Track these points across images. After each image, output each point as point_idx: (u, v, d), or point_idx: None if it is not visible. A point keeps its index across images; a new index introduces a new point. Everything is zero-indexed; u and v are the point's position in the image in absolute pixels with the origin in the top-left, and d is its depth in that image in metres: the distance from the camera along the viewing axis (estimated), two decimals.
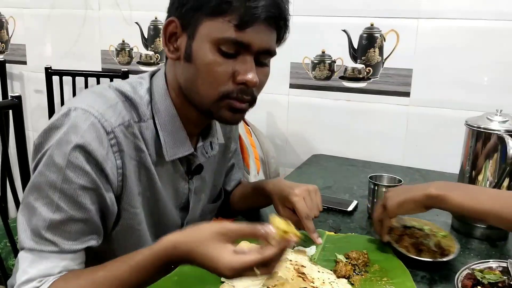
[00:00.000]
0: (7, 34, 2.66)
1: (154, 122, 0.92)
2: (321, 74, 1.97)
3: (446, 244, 1.05)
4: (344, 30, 1.90)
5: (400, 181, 1.27)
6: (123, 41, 2.37)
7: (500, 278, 0.90)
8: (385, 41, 1.85)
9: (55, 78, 2.33)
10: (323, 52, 1.96)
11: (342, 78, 1.95)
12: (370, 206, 1.28)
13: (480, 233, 1.17)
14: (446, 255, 1.00)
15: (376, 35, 1.86)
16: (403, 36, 1.82)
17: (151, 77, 0.96)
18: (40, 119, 2.62)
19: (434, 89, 1.81)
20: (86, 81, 2.29)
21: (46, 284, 0.80)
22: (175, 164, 0.98)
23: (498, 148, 1.14)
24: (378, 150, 1.92)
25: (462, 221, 1.20)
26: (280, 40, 0.91)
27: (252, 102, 0.91)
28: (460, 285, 0.88)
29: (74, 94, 2.31)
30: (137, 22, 2.31)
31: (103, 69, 2.44)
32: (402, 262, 1.00)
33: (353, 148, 1.96)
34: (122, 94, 0.90)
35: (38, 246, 0.81)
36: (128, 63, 2.38)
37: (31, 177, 0.84)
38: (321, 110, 2.00)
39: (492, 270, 0.93)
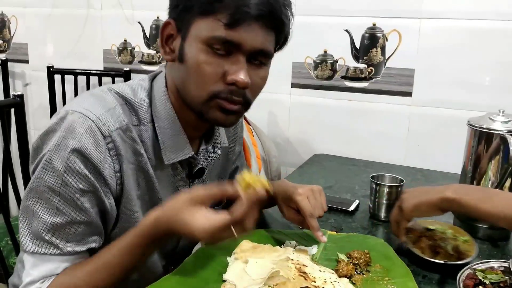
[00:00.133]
0: (9, 33, 2.66)
1: (154, 126, 0.91)
2: (323, 74, 1.97)
3: (465, 248, 1.03)
4: (346, 30, 1.90)
5: (402, 181, 1.26)
6: (125, 40, 2.37)
7: (501, 278, 0.89)
8: (387, 41, 1.85)
9: (57, 77, 2.34)
10: (325, 51, 1.95)
11: (344, 77, 1.95)
12: (371, 205, 1.28)
13: (482, 233, 1.16)
14: (462, 259, 0.99)
15: (378, 35, 1.86)
16: (405, 36, 1.82)
17: (152, 80, 0.96)
18: (42, 118, 2.63)
19: (436, 89, 1.81)
20: (88, 80, 2.29)
21: (47, 282, 0.82)
22: (175, 167, 0.97)
23: (501, 148, 1.14)
24: (380, 150, 1.92)
25: (464, 220, 1.20)
26: (279, 42, 0.89)
27: (246, 105, 0.88)
28: (461, 285, 0.88)
29: (76, 93, 2.31)
30: (139, 22, 2.31)
31: (105, 68, 2.44)
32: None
33: (354, 147, 1.95)
34: (122, 98, 0.90)
35: (40, 249, 0.82)
36: (130, 63, 2.38)
37: (30, 181, 0.84)
38: (323, 110, 2.00)
39: (494, 270, 0.93)
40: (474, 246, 1.04)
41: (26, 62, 2.64)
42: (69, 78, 2.32)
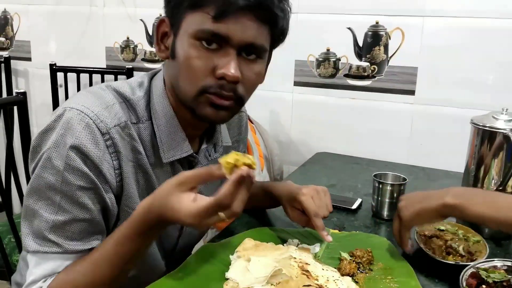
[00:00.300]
0: (12, 30, 2.66)
1: (152, 124, 0.91)
2: (325, 72, 1.97)
3: (477, 249, 1.02)
4: (349, 28, 1.89)
5: (404, 179, 1.26)
6: (128, 38, 2.37)
7: (504, 277, 0.89)
8: (390, 39, 1.85)
9: (60, 75, 2.34)
10: (328, 50, 1.95)
11: (346, 76, 1.95)
12: (374, 204, 1.28)
13: (485, 232, 1.16)
14: (474, 260, 0.98)
15: (381, 33, 1.85)
16: (409, 34, 1.82)
17: (151, 78, 0.95)
18: (44, 116, 2.63)
19: (439, 87, 1.80)
20: (90, 78, 2.29)
21: (49, 280, 0.81)
22: (175, 166, 0.96)
23: (504, 147, 1.14)
24: (383, 148, 1.91)
25: (466, 220, 1.19)
26: (275, 36, 0.87)
27: (238, 101, 0.86)
28: (464, 284, 0.88)
29: (78, 91, 2.31)
30: (141, 19, 2.31)
31: (108, 66, 2.44)
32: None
33: (357, 146, 1.95)
34: (120, 95, 0.89)
35: (42, 248, 0.81)
36: (132, 60, 2.38)
37: (30, 180, 0.84)
38: (325, 108, 2.00)
39: (497, 269, 0.92)
40: (485, 247, 1.02)
41: (29, 59, 2.65)
42: (71, 76, 2.32)
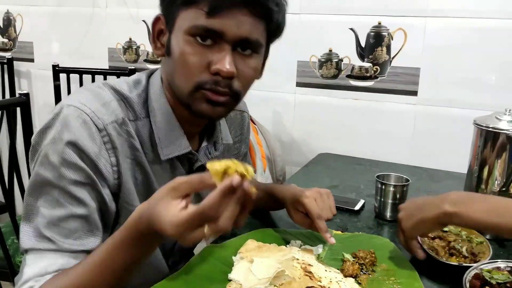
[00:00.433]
0: (15, 31, 2.67)
1: (150, 121, 0.91)
2: (328, 73, 1.97)
3: (480, 250, 1.02)
4: (351, 29, 1.89)
5: (407, 180, 1.26)
6: (130, 39, 2.37)
7: (508, 278, 0.89)
8: (392, 39, 1.84)
9: (62, 76, 2.34)
10: (330, 50, 1.95)
11: (349, 76, 1.94)
12: (377, 205, 1.28)
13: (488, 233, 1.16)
14: (477, 261, 0.97)
15: (383, 34, 1.85)
16: (411, 34, 1.81)
17: (149, 76, 0.95)
18: (47, 117, 2.63)
19: (442, 88, 1.80)
20: (93, 79, 2.29)
21: (41, 282, 0.78)
22: (174, 164, 0.95)
23: (507, 147, 1.14)
24: (385, 149, 1.91)
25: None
26: (271, 31, 0.86)
27: (234, 96, 0.86)
28: (468, 285, 0.87)
29: None
30: (144, 20, 2.31)
31: (110, 67, 2.44)
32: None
33: (360, 147, 1.95)
34: (118, 93, 0.89)
35: (37, 244, 0.80)
36: (135, 61, 2.39)
37: (30, 178, 0.83)
38: (328, 109, 2.00)
39: (500, 270, 0.92)
40: (489, 248, 1.02)
41: (32, 60, 2.65)
42: (74, 77, 2.32)
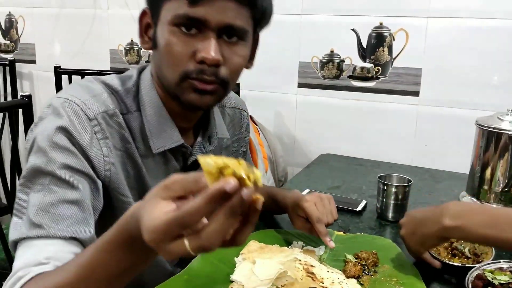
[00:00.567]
0: (17, 33, 2.67)
1: (141, 115, 0.90)
2: (329, 73, 1.97)
3: (482, 251, 1.02)
4: (353, 29, 1.89)
5: (409, 181, 1.26)
6: (132, 40, 2.37)
7: (511, 279, 0.89)
8: (394, 40, 1.84)
9: (64, 78, 2.35)
10: (332, 51, 1.95)
11: (350, 77, 1.94)
12: (379, 206, 1.28)
13: None
14: (479, 262, 0.97)
15: (385, 34, 1.85)
16: (413, 35, 1.81)
17: (141, 71, 0.95)
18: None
19: (444, 88, 1.80)
20: None
21: (31, 271, 0.70)
22: (167, 157, 0.94)
23: (509, 148, 1.14)
24: (387, 149, 1.91)
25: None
26: (255, 17, 0.85)
27: (222, 84, 0.85)
28: (470, 286, 0.87)
29: None
30: None
31: (112, 68, 2.45)
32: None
33: (361, 147, 1.95)
34: (108, 87, 0.89)
35: (26, 233, 0.75)
36: (136, 62, 2.39)
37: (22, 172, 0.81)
38: (329, 110, 2.00)
39: (502, 271, 0.92)
40: (491, 248, 1.02)
41: (34, 62, 2.66)
42: (76, 79, 2.33)
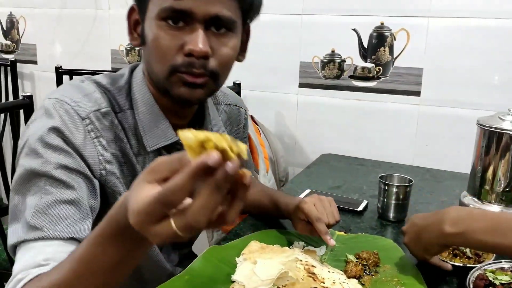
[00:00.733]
0: (18, 34, 2.68)
1: (134, 113, 0.89)
2: (330, 73, 1.97)
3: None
4: (354, 29, 1.89)
5: (410, 181, 1.26)
6: None
7: None
8: (395, 40, 1.84)
9: (66, 78, 2.35)
10: (333, 51, 1.95)
11: (351, 77, 1.94)
12: (380, 206, 1.28)
13: None
14: (481, 262, 0.97)
15: (386, 34, 1.85)
16: (414, 35, 1.81)
17: (133, 69, 0.95)
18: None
19: (445, 88, 1.80)
20: None
21: (31, 273, 0.69)
22: (162, 155, 0.91)
23: (510, 148, 1.14)
24: (388, 149, 1.91)
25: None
26: (243, 7, 0.84)
27: (213, 76, 0.84)
28: (472, 286, 0.87)
29: None
30: None
31: (113, 68, 2.45)
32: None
33: (362, 147, 1.95)
34: (100, 86, 0.89)
35: (24, 236, 0.74)
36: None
37: (15, 174, 0.79)
38: (330, 110, 2.00)
39: (504, 271, 0.92)
40: None
41: (35, 63, 2.66)
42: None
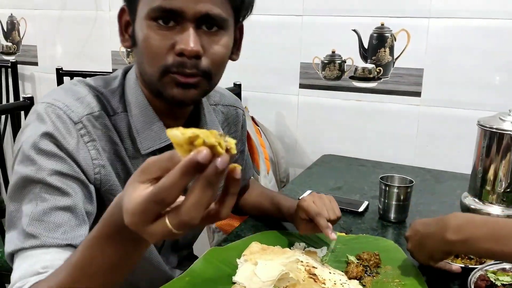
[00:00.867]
0: (19, 35, 2.68)
1: (128, 115, 0.88)
2: (331, 74, 1.97)
3: None
4: (354, 30, 1.89)
5: (411, 181, 1.26)
6: None
7: None
8: (395, 40, 1.84)
9: (66, 79, 2.35)
10: (333, 52, 1.95)
11: (352, 78, 1.94)
12: (381, 207, 1.27)
13: None
14: (482, 263, 0.97)
15: (386, 35, 1.85)
16: (414, 35, 1.81)
17: (126, 71, 0.94)
18: None
19: (445, 89, 1.80)
20: None
21: (29, 282, 0.69)
22: None
23: (511, 148, 1.13)
24: (389, 150, 1.91)
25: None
26: (234, 5, 0.83)
27: (206, 76, 0.82)
28: (473, 287, 0.87)
29: None
30: None
31: (114, 70, 2.44)
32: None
33: (363, 148, 1.95)
34: (93, 89, 0.88)
35: (21, 244, 0.73)
36: None
37: (11, 181, 0.79)
38: (331, 110, 2.00)
39: (505, 271, 0.92)
40: None
41: (36, 64, 2.66)
42: None
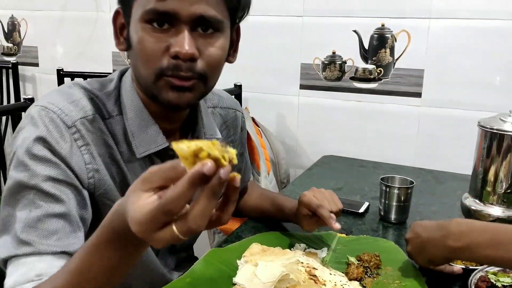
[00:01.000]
0: (20, 36, 2.68)
1: (123, 118, 0.88)
2: (331, 75, 1.97)
3: None
4: (354, 31, 1.89)
5: (412, 182, 1.26)
6: None
7: None
8: (396, 41, 1.84)
9: (67, 80, 2.35)
10: (334, 52, 1.95)
11: (352, 78, 1.94)
12: (381, 208, 1.27)
13: None
14: (483, 264, 0.96)
15: (387, 36, 1.85)
16: (415, 36, 1.81)
17: (122, 74, 0.93)
18: None
19: (446, 89, 1.80)
20: None
21: None
22: (153, 161, 0.90)
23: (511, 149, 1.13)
24: (389, 151, 1.91)
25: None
26: (230, 6, 0.82)
27: (202, 79, 0.81)
28: (473, 287, 0.87)
29: None
30: None
31: (114, 71, 2.44)
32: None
33: (364, 149, 1.95)
34: (88, 91, 0.86)
35: (14, 251, 0.73)
36: None
37: (5, 186, 0.79)
38: (331, 111, 2.00)
39: (506, 272, 0.92)
40: None
41: (36, 65, 2.67)
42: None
